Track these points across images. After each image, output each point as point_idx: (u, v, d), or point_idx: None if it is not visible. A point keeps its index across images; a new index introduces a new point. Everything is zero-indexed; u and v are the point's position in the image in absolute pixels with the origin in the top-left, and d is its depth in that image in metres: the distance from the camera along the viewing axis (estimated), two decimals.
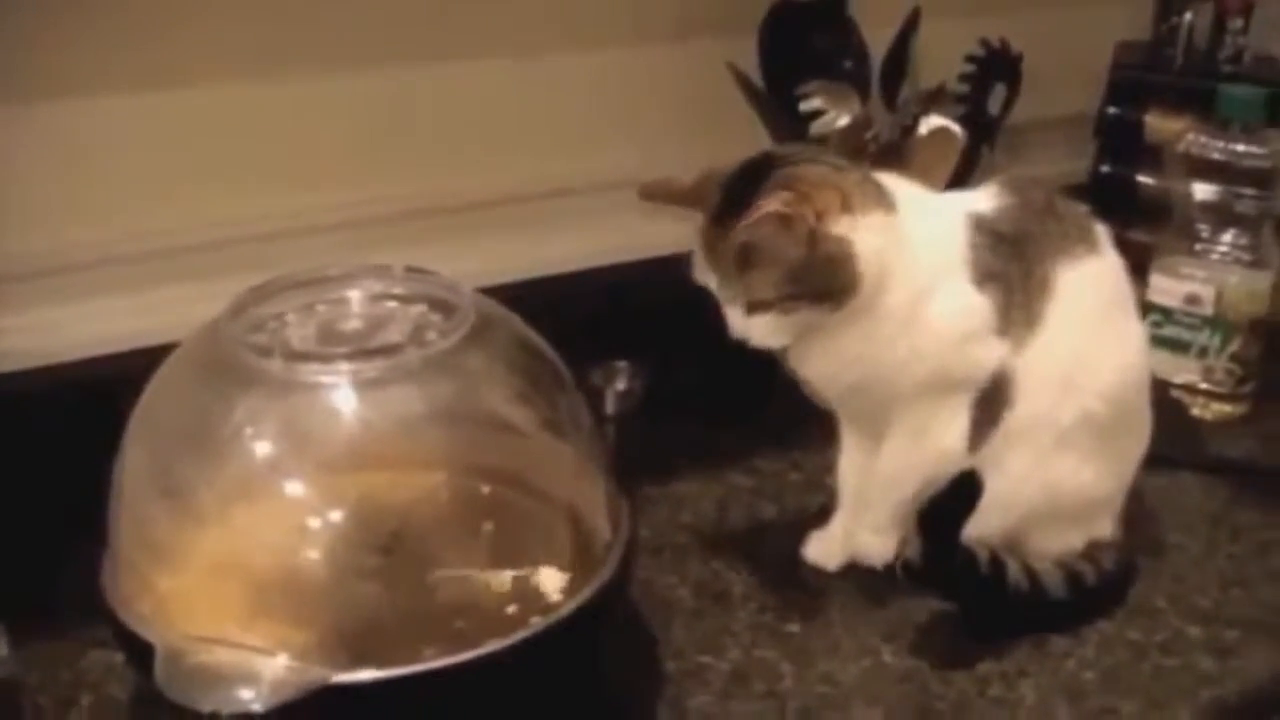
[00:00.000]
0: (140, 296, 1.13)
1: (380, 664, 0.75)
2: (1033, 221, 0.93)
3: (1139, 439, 0.99)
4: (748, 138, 1.27)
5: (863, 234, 0.87)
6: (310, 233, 1.18)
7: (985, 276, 0.90)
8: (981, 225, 0.92)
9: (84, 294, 1.12)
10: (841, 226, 0.86)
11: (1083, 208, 0.98)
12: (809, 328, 0.90)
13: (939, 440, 0.93)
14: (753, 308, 0.89)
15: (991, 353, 0.91)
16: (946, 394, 0.92)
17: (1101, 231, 0.97)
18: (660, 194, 0.93)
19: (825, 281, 0.87)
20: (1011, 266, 0.91)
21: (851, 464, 1.02)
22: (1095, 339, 0.94)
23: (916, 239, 0.90)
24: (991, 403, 0.92)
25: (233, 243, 1.15)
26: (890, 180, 0.93)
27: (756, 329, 0.89)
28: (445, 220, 1.25)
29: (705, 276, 0.91)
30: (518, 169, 1.29)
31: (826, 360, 0.92)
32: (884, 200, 0.90)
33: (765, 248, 0.87)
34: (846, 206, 0.87)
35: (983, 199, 0.94)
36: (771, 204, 0.85)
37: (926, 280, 0.89)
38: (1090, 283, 0.94)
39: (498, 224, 1.28)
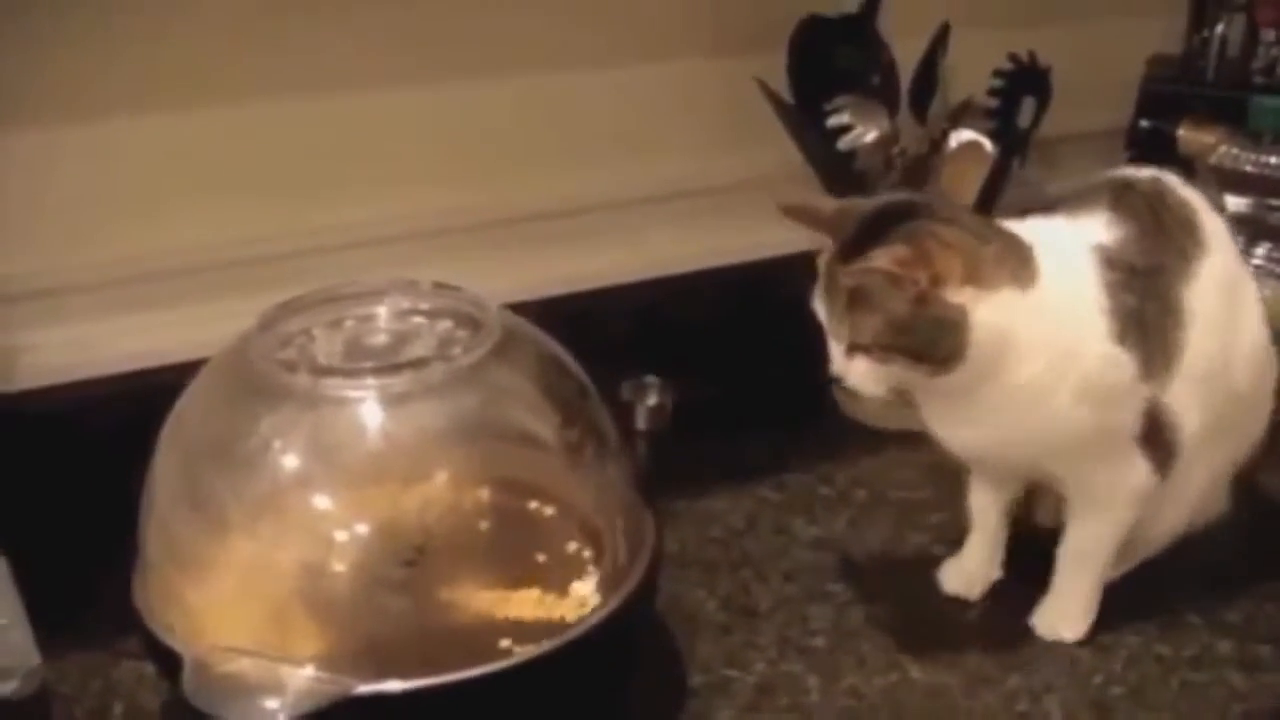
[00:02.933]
0: (171, 313, 1.14)
1: (405, 676, 0.76)
2: (1155, 247, 0.90)
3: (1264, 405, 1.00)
4: (778, 153, 1.27)
5: (983, 309, 0.83)
6: (341, 249, 1.19)
7: (1126, 325, 0.87)
8: (1111, 261, 0.89)
9: (115, 310, 1.13)
10: (961, 296, 0.83)
11: (1176, 186, 0.95)
12: (912, 385, 0.88)
13: (1129, 491, 0.92)
14: (853, 349, 0.87)
15: (1137, 401, 0.89)
16: (1108, 449, 0.90)
17: (1201, 214, 0.94)
18: (801, 216, 0.90)
19: (928, 344, 0.84)
20: (1148, 305, 0.88)
21: (983, 493, 1.01)
22: (1229, 334, 0.93)
23: (1052, 304, 0.86)
24: (1158, 435, 0.90)
25: (264, 259, 1.16)
26: (1031, 230, 0.89)
27: (854, 371, 0.87)
28: (476, 236, 1.26)
29: (818, 305, 0.89)
30: (549, 185, 1.30)
31: (961, 425, 0.91)
32: (1022, 274, 0.85)
33: (873, 295, 0.84)
34: (972, 277, 0.83)
35: (1098, 227, 0.91)
36: (882, 259, 0.82)
37: (1065, 347, 0.86)
38: (1211, 286, 0.91)
39: (529, 240, 1.29)
